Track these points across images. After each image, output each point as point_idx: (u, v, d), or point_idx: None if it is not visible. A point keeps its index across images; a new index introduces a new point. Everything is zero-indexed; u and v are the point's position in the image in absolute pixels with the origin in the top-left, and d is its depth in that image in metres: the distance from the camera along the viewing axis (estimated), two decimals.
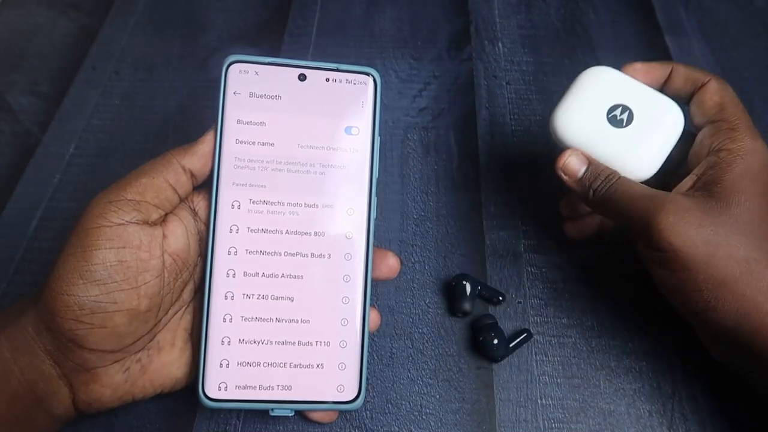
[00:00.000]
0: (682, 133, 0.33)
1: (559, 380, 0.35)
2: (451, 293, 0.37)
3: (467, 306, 0.36)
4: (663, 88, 0.34)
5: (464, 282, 0.36)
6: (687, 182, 0.31)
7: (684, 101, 0.34)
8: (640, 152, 0.32)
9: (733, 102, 0.32)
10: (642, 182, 0.32)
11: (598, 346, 0.36)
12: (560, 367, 0.35)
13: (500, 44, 0.51)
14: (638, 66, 0.34)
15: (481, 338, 0.35)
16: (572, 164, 0.33)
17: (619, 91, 0.33)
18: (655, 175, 0.32)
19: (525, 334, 0.36)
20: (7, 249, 0.39)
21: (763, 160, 0.30)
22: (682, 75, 0.34)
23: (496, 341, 0.34)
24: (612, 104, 0.33)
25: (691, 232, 0.29)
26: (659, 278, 0.31)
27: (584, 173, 0.32)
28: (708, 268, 0.28)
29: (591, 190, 0.32)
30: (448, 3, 0.54)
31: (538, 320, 0.37)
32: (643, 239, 0.30)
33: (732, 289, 0.28)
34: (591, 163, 0.33)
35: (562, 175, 0.33)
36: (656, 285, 0.32)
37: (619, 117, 0.32)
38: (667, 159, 0.32)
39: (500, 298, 0.37)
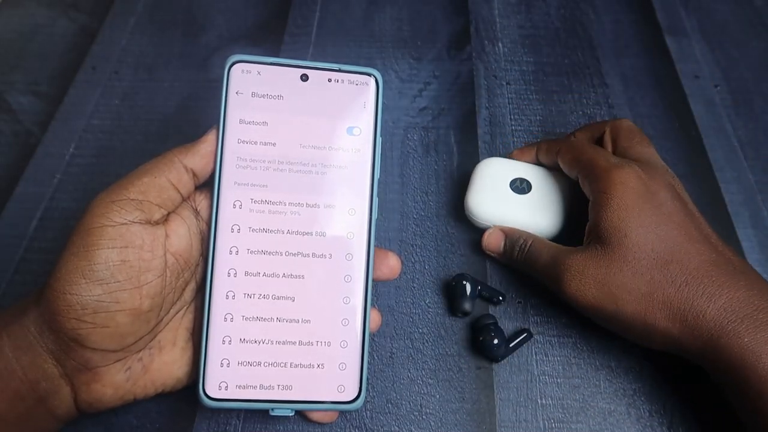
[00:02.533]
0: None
1: (559, 380, 0.35)
2: (451, 293, 0.37)
3: (467, 306, 0.36)
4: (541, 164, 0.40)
5: (464, 282, 0.36)
6: (586, 231, 0.34)
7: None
8: (545, 214, 0.38)
9: (581, 148, 0.36)
10: (554, 236, 0.38)
11: (598, 346, 0.36)
12: (560, 367, 0.35)
13: (500, 44, 0.51)
14: (515, 152, 0.41)
15: (481, 338, 0.35)
16: (492, 241, 0.38)
17: (514, 170, 0.40)
18: (564, 230, 0.38)
19: (525, 334, 0.36)
20: (7, 249, 0.39)
21: (634, 188, 0.32)
22: (543, 150, 0.39)
23: (496, 341, 0.34)
24: (512, 178, 0.39)
25: (592, 289, 0.31)
26: (599, 324, 0.34)
27: (503, 246, 0.37)
28: (618, 315, 0.31)
29: (511, 260, 0.37)
30: (448, 3, 0.54)
31: (538, 320, 0.37)
32: (563, 299, 0.34)
33: (642, 322, 0.30)
34: (507, 235, 0.37)
35: (488, 251, 0.38)
36: None
37: (520, 186, 0.39)
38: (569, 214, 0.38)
39: (500, 298, 0.37)
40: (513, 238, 0.37)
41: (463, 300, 0.36)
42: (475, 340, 0.35)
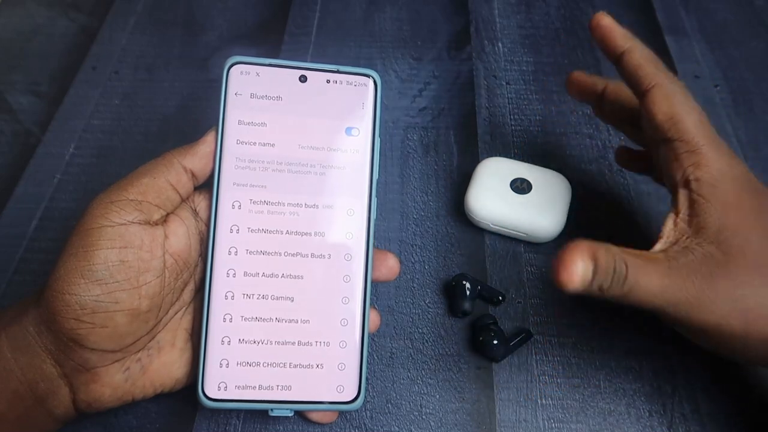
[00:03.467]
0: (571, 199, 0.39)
1: (559, 380, 0.35)
2: (451, 293, 0.37)
3: (467, 306, 0.36)
4: (604, 96, 0.35)
5: (464, 282, 0.36)
6: (675, 230, 0.28)
7: (628, 110, 0.34)
8: (545, 214, 0.38)
9: (687, 110, 0.29)
10: (554, 236, 0.38)
11: (598, 346, 0.36)
12: (560, 367, 0.35)
13: (500, 44, 0.51)
14: (581, 73, 0.35)
15: (481, 338, 0.35)
16: (578, 272, 0.26)
17: (515, 169, 0.40)
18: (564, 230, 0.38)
19: (525, 334, 0.36)
20: (7, 249, 0.39)
21: (738, 181, 0.27)
22: (622, 84, 0.32)
23: (496, 341, 0.34)
24: (513, 178, 0.39)
25: (721, 310, 0.26)
26: (701, 345, 0.29)
27: (593, 279, 0.27)
28: (746, 334, 0.26)
29: (603, 292, 0.27)
30: (448, 3, 0.54)
31: (538, 320, 0.37)
32: (674, 324, 0.28)
33: None
34: (597, 262, 0.27)
35: (569, 287, 0.27)
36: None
37: (520, 186, 0.39)
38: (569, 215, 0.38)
39: (500, 298, 0.37)
40: (603, 267, 0.26)
41: (463, 300, 0.36)
42: (475, 340, 0.35)
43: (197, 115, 0.46)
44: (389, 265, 0.32)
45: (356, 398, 0.30)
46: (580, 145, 0.45)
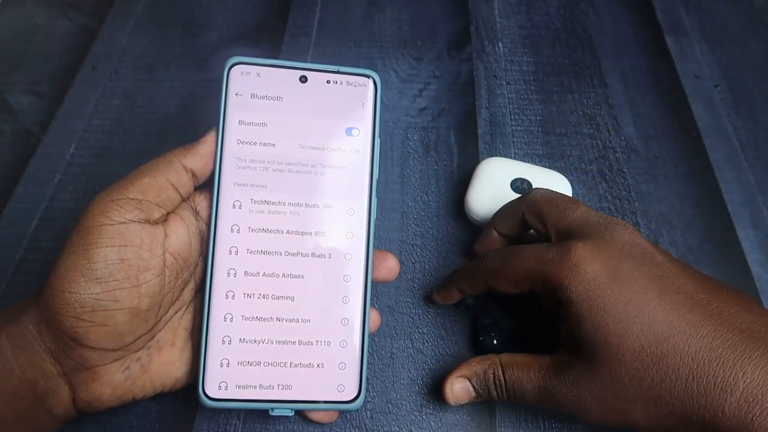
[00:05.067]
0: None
1: None
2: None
3: (470, 299, 0.36)
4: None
5: None
6: (563, 341, 0.29)
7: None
8: None
9: (508, 267, 0.30)
10: None
11: None
12: None
13: (500, 44, 0.51)
14: (435, 295, 0.36)
15: (481, 338, 0.35)
16: (460, 395, 0.31)
17: (515, 169, 0.40)
18: None
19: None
20: (7, 249, 0.39)
21: (593, 280, 0.26)
22: (465, 282, 0.33)
23: (495, 341, 0.34)
24: (513, 178, 0.39)
25: (597, 409, 0.27)
26: None
27: (475, 393, 0.31)
28: (634, 427, 0.27)
29: (495, 400, 0.31)
30: (448, 3, 0.54)
31: None
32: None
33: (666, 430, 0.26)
34: (471, 378, 0.31)
35: (455, 403, 0.32)
36: None
37: (521, 186, 0.39)
38: None
39: (503, 294, 0.37)
40: (482, 383, 0.31)
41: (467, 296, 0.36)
42: (475, 340, 0.35)
43: (197, 115, 0.46)
44: (389, 266, 0.32)
45: (357, 398, 0.30)
46: (580, 145, 0.45)
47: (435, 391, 0.34)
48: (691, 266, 0.29)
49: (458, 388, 0.31)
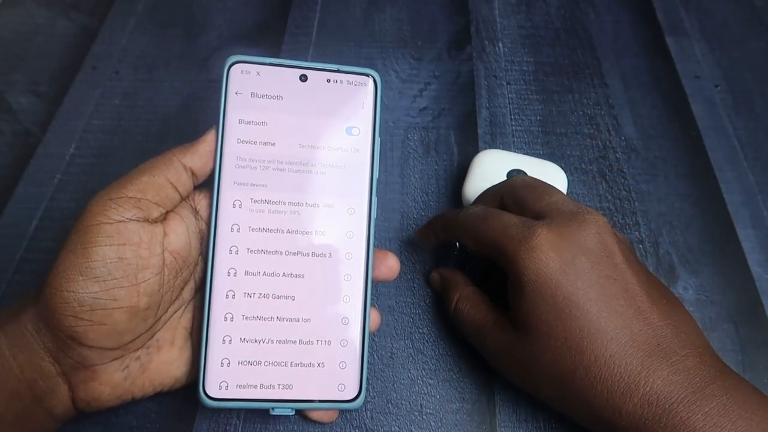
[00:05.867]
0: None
1: None
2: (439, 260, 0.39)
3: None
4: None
5: (456, 252, 0.39)
6: (510, 309, 0.31)
7: None
8: None
9: (480, 225, 0.31)
10: None
11: None
12: None
13: (500, 44, 0.51)
14: (416, 232, 0.38)
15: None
16: (433, 284, 0.37)
17: (511, 161, 0.40)
18: None
19: None
20: (7, 249, 0.39)
21: (545, 268, 0.28)
22: (438, 227, 0.35)
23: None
24: (509, 169, 0.39)
25: (515, 370, 0.30)
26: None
27: (440, 290, 0.36)
28: (540, 396, 0.30)
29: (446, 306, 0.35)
30: (448, 3, 0.54)
31: None
32: None
33: (567, 412, 0.29)
34: (444, 281, 0.36)
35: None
36: None
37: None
38: None
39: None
40: (447, 287, 0.35)
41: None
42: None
43: (197, 115, 0.46)
44: (389, 265, 0.32)
45: (357, 397, 0.30)
46: (580, 145, 0.45)
47: (435, 391, 0.34)
48: (649, 273, 0.30)
49: (434, 280, 0.37)
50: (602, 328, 0.27)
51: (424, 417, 0.34)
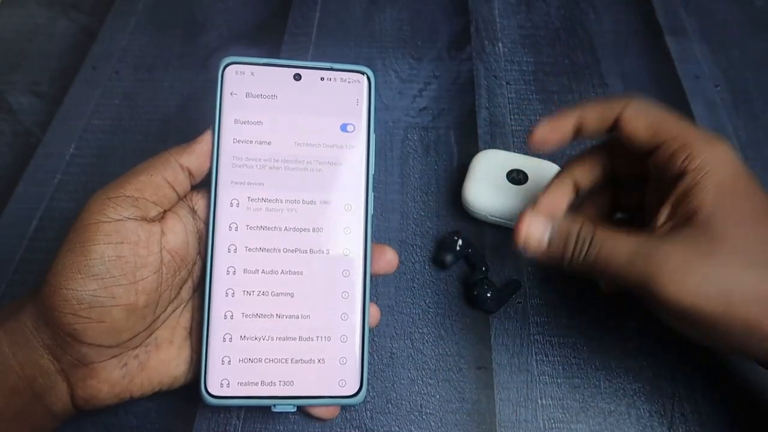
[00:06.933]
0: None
1: (559, 380, 0.35)
2: (441, 244, 0.38)
3: (449, 259, 0.37)
4: (579, 136, 0.32)
5: (456, 238, 0.38)
6: (663, 215, 0.28)
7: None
8: None
9: (664, 117, 0.29)
10: None
11: (597, 347, 0.36)
12: (560, 368, 0.35)
13: (500, 44, 0.51)
14: (545, 123, 0.32)
15: (475, 293, 0.36)
16: (533, 233, 0.29)
17: (511, 161, 0.40)
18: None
19: (515, 284, 0.37)
20: (7, 249, 0.39)
21: (730, 167, 0.27)
22: (595, 114, 0.31)
23: (489, 293, 0.36)
24: (509, 170, 0.40)
25: (699, 287, 0.26)
26: (679, 330, 0.29)
27: (548, 243, 0.29)
28: (727, 317, 0.25)
29: (565, 261, 0.29)
30: (448, 3, 0.54)
31: (538, 320, 0.37)
32: (649, 302, 0.28)
33: (758, 330, 0.25)
34: (555, 228, 0.29)
35: (525, 251, 0.29)
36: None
37: (516, 177, 0.40)
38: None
39: (484, 268, 0.38)
40: (564, 232, 0.29)
41: (448, 253, 0.38)
42: (470, 296, 0.36)
43: (197, 115, 0.46)
44: (387, 259, 0.32)
45: (358, 392, 0.30)
46: (580, 145, 0.45)
47: (435, 391, 0.34)
48: None
49: (534, 228, 0.29)
50: None
51: (424, 417, 0.34)
